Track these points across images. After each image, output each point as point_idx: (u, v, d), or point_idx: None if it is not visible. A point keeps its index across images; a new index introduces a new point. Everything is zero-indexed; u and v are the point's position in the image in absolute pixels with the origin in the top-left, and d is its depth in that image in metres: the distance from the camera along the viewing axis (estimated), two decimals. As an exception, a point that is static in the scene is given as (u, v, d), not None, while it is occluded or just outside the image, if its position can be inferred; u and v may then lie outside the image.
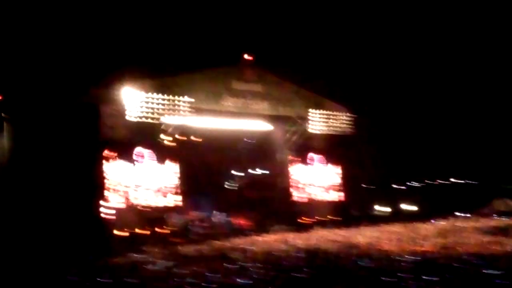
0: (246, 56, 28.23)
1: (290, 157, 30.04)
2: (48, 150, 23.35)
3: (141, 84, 24.86)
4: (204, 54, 29.73)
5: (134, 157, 24.54)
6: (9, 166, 23.64)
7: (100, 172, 23.62)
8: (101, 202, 23.19)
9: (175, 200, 25.37)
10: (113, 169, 23.83)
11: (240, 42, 30.15)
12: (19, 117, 24.01)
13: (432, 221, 27.32)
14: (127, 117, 24.10)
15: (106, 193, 23.38)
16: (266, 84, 28.98)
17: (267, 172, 31.11)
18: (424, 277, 12.36)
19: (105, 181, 23.52)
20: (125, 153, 24.24)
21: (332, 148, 30.94)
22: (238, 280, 13.00)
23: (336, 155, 31.18)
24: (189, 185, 27.08)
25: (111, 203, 23.34)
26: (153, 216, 24.28)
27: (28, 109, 23.91)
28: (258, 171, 31.44)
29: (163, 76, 25.98)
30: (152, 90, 24.97)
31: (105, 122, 23.94)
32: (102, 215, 23.04)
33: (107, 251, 19.65)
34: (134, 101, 24.40)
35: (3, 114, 23.95)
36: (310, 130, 29.91)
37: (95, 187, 23.37)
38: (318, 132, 30.15)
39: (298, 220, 28.82)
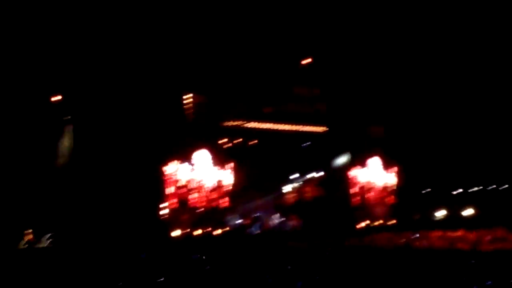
0: (307, 60, 28.23)
1: (348, 160, 29.82)
2: (108, 152, 23.66)
3: (201, 87, 25.04)
4: (265, 57, 29.62)
5: (193, 159, 24.74)
6: (70, 168, 24.01)
7: (159, 173, 23.85)
8: (159, 204, 23.45)
9: (231, 202, 25.47)
10: (172, 171, 24.05)
11: (300, 44, 30.00)
12: (80, 119, 24.36)
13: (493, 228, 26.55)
14: (186, 120, 24.33)
15: (164, 194, 23.60)
16: (326, 86, 28.88)
17: (325, 175, 30.84)
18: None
19: (164, 182, 23.74)
20: (185, 155, 24.44)
21: (392, 151, 30.62)
22: (297, 282, 12.79)
23: (396, 158, 30.85)
24: (245, 187, 27.09)
25: (169, 204, 23.54)
26: (210, 218, 24.47)
27: (89, 111, 24.25)
28: (316, 174, 31.16)
29: (223, 79, 26.10)
30: (212, 93, 25.12)
31: (165, 124, 24.19)
32: (160, 216, 23.29)
33: (164, 251, 19.75)
34: (194, 104, 24.58)
35: (64, 117, 24.38)
36: (369, 133, 29.72)
37: (154, 188, 23.64)
38: (377, 135, 29.91)
39: (356, 225, 28.61)
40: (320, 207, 29.09)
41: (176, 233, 23.17)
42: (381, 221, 29.67)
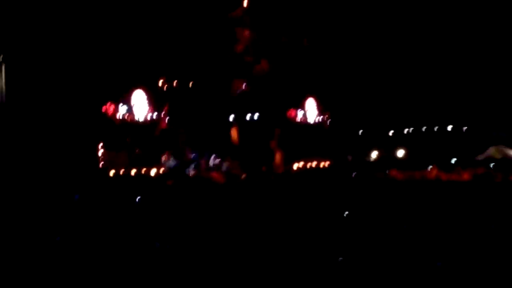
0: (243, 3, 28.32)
1: (285, 100, 30.16)
2: (43, 92, 23.38)
3: (141, 26, 24.89)
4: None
5: (131, 99, 24.75)
6: (2, 109, 23.68)
7: (96, 112, 23.78)
8: (96, 144, 23.45)
9: (168, 142, 25.69)
10: (110, 111, 24.01)
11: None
12: (14, 58, 23.93)
13: (429, 168, 27.50)
14: (125, 59, 24.22)
15: (101, 134, 23.59)
16: (265, 28, 29.02)
17: (263, 116, 31.14)
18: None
19: (101, 121, 23.69)
20: (122, 95, 24.41)
21: (327, 91, 31.11)
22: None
23: (331, 100, 31.36)
24: (185, 128, 27.29)
25: (106, 143, 23.56)
26: (146, 158, 24.65)
27: (23, 50, 23.82)
28: (254, 116, 31.47)
29: (165, 18, 25.96)
30: (152, 32, 25.03)
31: (103, 63, 24.01)
32: (96, 156, 23.30)
33: (100, 190, 19.89)
34: (132, 44, 24.50)
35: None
36: (306, 72, 30.08)
37: (91, 128, 23.58)
38: (314, 74, 30.31)
39: (291, 165, 29.23)
40: (256, 148, 29.50)
41: (112, 173, 23.26)
42: (315, 162, 30.29)
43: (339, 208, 14.98)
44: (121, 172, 23.44)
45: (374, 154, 31.89)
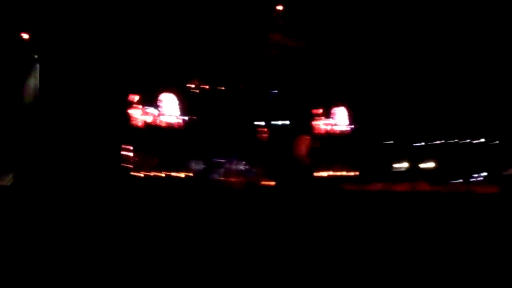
0: (278, 7, 28.33)
1: (312, 108, 30.10)
2: (75, 92, 23.80)
3: (171, 29, 25.10)
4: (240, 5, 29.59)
5: (158, 102, 24.91)
6: (35, 108, 24.14)
7: (124, 115, 24.03)
8: (123, 145, 23.69)
9: (195, 146, 25.78)
10: (137, 113, 24.22)
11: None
12: (49, 57, 24.38)
13: (451, 181, 27.31)
14: (152, 64, 24.43)
15: (129, 135, 23.83)
16: (297, 34, 29.06)
17: (289, 123, 31.16)
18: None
19: (128, 124, 23.95)
20: (149, 98, 24.59)
21: (355, 101, 30.97)
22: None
23: (359, 108, 31.21)
24: (210, 132, 27.49)
25: (132, 146, 23.79)
26: (174, 161, 24.79)
27: (58, 50, 24.27)
28: (281, 122, 31.53)
29: (194, 20, 26.14)
30: (181, 35, 25.23)
31: (134, 65, 24.32)
32: (122, 157, 23.57)
33: (124, 192, 20.15)
34: (160, 46, 24.70)
35: (35, 55, 24.34)
36: (334, 82, 30.02)
37: (119, 129, 23.87)
38: (345, 83, 30.24)
39: (316, 173, 29.10)
40: (283, 155, 29.55)
41: (138, 174, 23.50)
42: (343, 172, 30.18)
43: (358, 218, 14.97)
44: (147, 175, 23.67)
45: (402, 165, 31.73)
